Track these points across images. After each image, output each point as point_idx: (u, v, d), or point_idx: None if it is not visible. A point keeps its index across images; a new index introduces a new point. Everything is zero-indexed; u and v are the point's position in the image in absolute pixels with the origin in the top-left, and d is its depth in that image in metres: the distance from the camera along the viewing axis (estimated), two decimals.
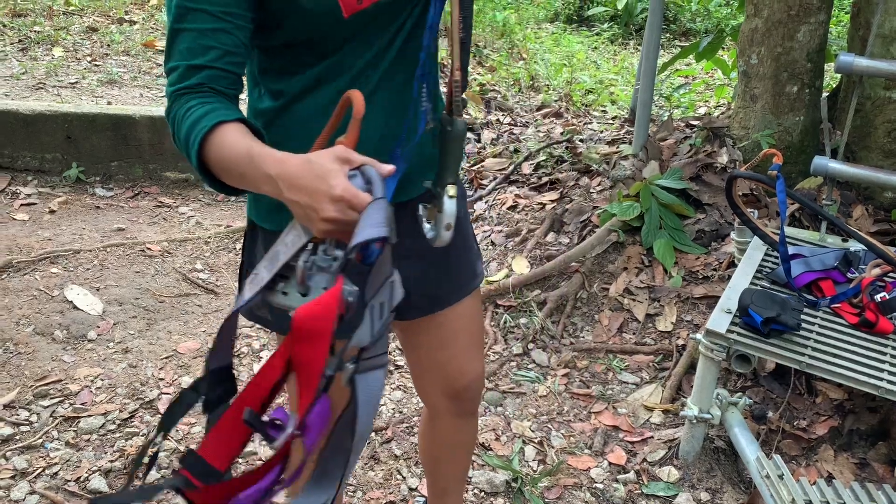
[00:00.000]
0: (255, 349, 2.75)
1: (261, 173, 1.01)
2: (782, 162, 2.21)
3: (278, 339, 1.47)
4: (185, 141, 1.09)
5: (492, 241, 3.36)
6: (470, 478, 2.22)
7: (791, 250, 2.34)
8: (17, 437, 2.30)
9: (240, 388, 0.97)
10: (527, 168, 3.91)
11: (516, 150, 4.15)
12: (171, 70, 1.13)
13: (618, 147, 3.78)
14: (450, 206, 1.15)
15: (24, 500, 2.10)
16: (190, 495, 0.91)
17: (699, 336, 2.16)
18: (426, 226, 1.20)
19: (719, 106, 4.94)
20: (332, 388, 0.91)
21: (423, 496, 2.19)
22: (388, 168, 1.00)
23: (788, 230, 2.61)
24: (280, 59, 1.25)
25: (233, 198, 3.80)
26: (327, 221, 0.95)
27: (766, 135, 3.08)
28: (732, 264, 2.87)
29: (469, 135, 4.39)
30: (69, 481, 2.16)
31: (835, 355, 2.01)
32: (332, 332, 0.90)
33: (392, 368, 2.68)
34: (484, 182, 3.91)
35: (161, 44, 5.43)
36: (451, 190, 1.16)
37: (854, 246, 2.43)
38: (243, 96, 1.17)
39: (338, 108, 1.10)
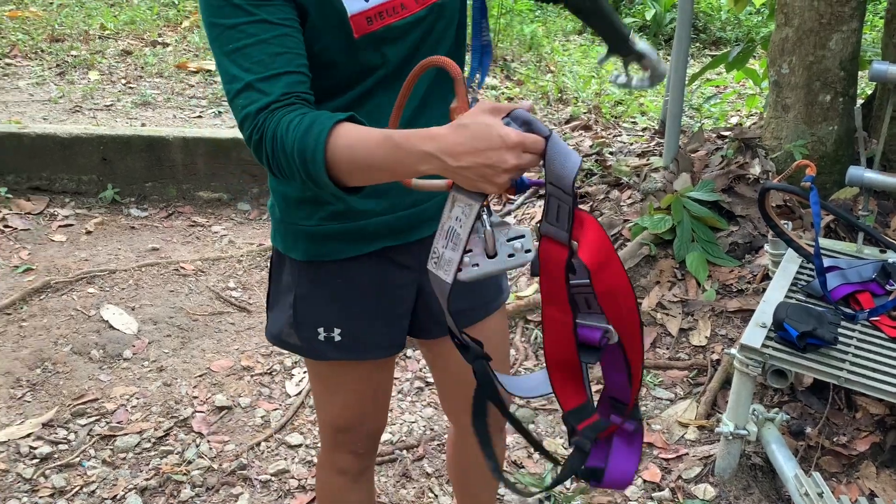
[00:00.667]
0: (287, 367, 2.77)
1: (416, 154, 0.97)
2: (815, 173, 2.17)
3: (310, 364, 1.47)
4: (299, 152, 1.03)
5: None
6: (502, 496, 2.21)
7: (827, 262, 2.29)
8: (56, 456, 2.34)
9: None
10: None
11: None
12: (245, 88, 1.07)
13: (648, 159, 3.75)
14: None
15: None
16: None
17: (734, 351, 2.13)
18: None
19: (751, 116, 4.88)
20: None
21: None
22: (529, 103, 1.00)
23: (824, 242, 2.56)
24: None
25: (262, 217, 3.84)
26: (509, 171, 0.93)
27: (798, 145, 3.03)
28: (767, 277, 2.83)
29: None
30: (106, 499, 2.19)
31: (874, 370, 1.97)
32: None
33: (422, 385, 2.68)
34: (513, 196, 3.91)
35: (193, 65, 5.53)
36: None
37: (893, 257, 2.38)
38: None
39: (409, 79, 1.06)
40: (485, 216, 1.00)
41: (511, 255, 1.01)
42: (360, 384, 1.45)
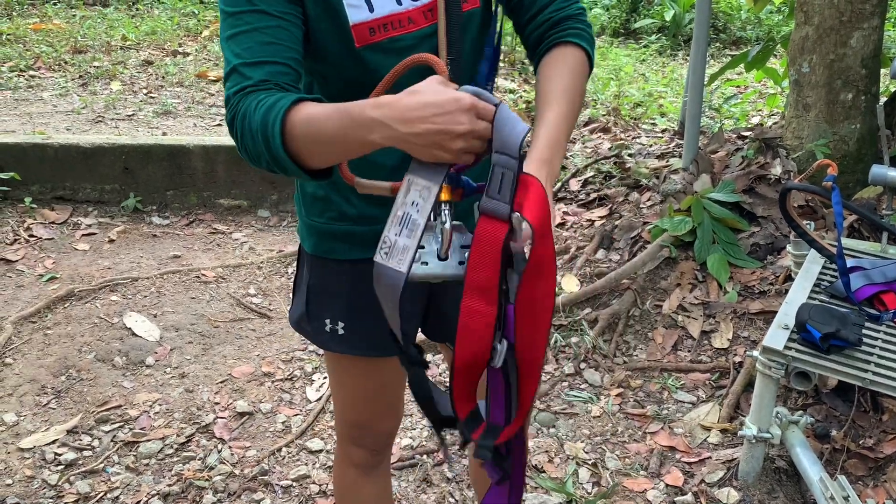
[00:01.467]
0: (308, 372, 2.78)
1: (365, 122, 0.97)
2: (837, 172, 2.15)
3: (325, 356, 1.50)
4: (261, 127, 1.03)
5: None
6: (523, 501, 2.20)
7: (850, 263, 2.26)
8: (80, 462, 2.36)
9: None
10: (575, 184, 3.88)
11: (563, 167, 4.13)
12: (231, 72, 1.10)
13: (668, 161, 3.73)
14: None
15: None
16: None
17: (756, 353, 2.10)
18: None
19: (772, 116, 4.83)
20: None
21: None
22: (443, 69, 1.00)
23: (847, 242, 2.53)
24: (320, 89, 1.27)
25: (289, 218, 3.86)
26: (462, 136, 0.93)
27: (820, 144, 3.00)
28: (789, 278, 2.80)
29: None
30: None
31: None
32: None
33: (443, 390, 2.67)
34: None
35: (213, 74, 5.58)
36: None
37: None
38: None
39: (398, 67, 1.05)
40: (446, 212, 0.96)
41: (461, 263, 0.95)
42: (365, 380, 1.47)
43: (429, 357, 2.81)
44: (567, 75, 1.20)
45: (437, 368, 2.77)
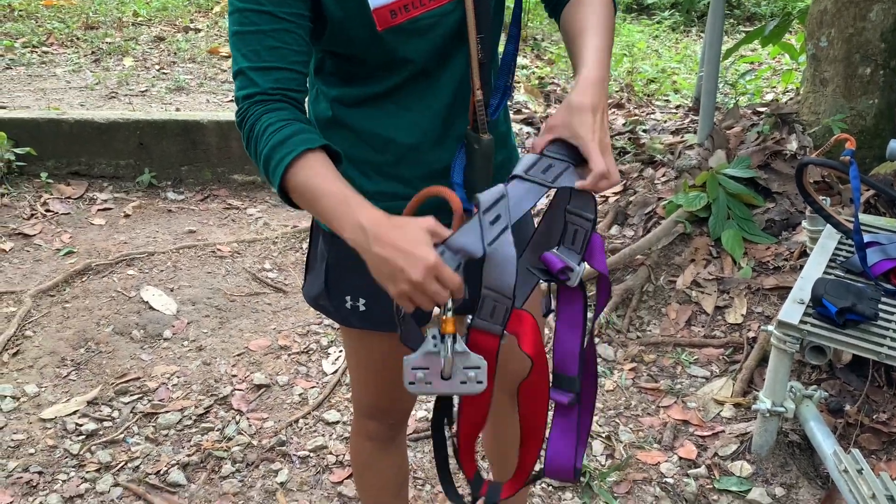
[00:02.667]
0: (324, 345, 2.80)
1: (351, 220, 1.04)
2: (855, 147, 2.14)
3: (342, 331, 1.52)
4: (265, 160, 1.10)
5: None
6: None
7: (867, 238, 2.26)
8: (101, 433, 2.40)
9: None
10: None
11: None
12: (239, 73, 1.14)
13: (682, 136, 3.72)
14: None
15: (108, 492, 2.19)
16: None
17: (771, 328, 2.11)
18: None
19: (787, 92, 4.80)
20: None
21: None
22: (458, 207, 1.06)
23: (864, 217, 2.52)
24: (334, 65, 1.28)
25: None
26: (411, 284, 1.00)
27: (837, 119, 2.98)
28: (804, 254, 2.79)
29: (529, 129, 4.38)
30: (150, 474, 2.24)
31: None
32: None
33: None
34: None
35: (225, 50, 5.57)
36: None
37: None
38: None
39: (414, 201, 1.12)
40: (449, 342, 1.05)
41: (463, 382, 1.06)
42: (383, 356, 1.48)
43: None
44: (600, 11, 1.22)
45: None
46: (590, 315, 1.16)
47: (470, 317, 1.08)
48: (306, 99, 1.37)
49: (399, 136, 1.28)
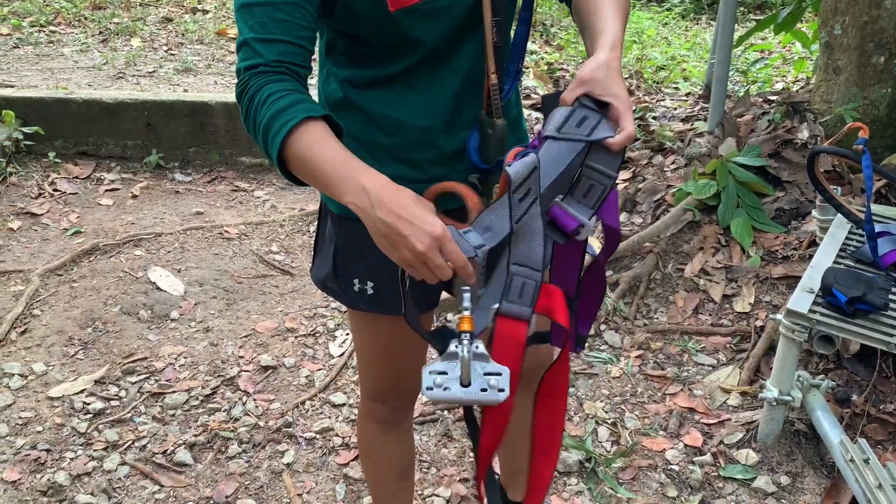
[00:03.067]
0: (330, 328, 2.80)
1: (354, 183, 1.01)
2: (868, 136, 2.12)
3: (350, 313, 1.51)
4: (265, 128, 1.07)
5: None
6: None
7: (878, 228, 2.25)
8: (108, 412, 2.41)
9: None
10: None
11: None
12: (242, 45, 1.12)
13: (692, 124, 3.69)
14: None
15: (115, 470, 2.20)
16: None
17: (779, 316, 2.10)
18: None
19: (798, 81, 4.76)
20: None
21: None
22: (475, 203, 1.07)
23: (875, 207, 2.51)
24: (346, 46, 1.26)
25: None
26: (414, 254, 0.97)
27: (849, 108, 2.96)
28: (813, 243, 2.78)
29: (538, 115, 4.36)
30: (157, 454, 2.25)
31: None
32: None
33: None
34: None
35: (233, 32, 5.55)
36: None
37: None
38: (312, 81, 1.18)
39: (427, 194, 1.10)
40: (465, 343, 0.99)
41: (484, 390, 0.99)
42: (391, 339, 1.48)
43: (450, 316, 2.83)
44: None
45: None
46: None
47: (496, 305, 1.04)
48: (316, 80, 1.36)
49: (410, 118, 1.28)
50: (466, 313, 1.01)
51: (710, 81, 3.77)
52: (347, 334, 2.76)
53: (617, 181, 1.07)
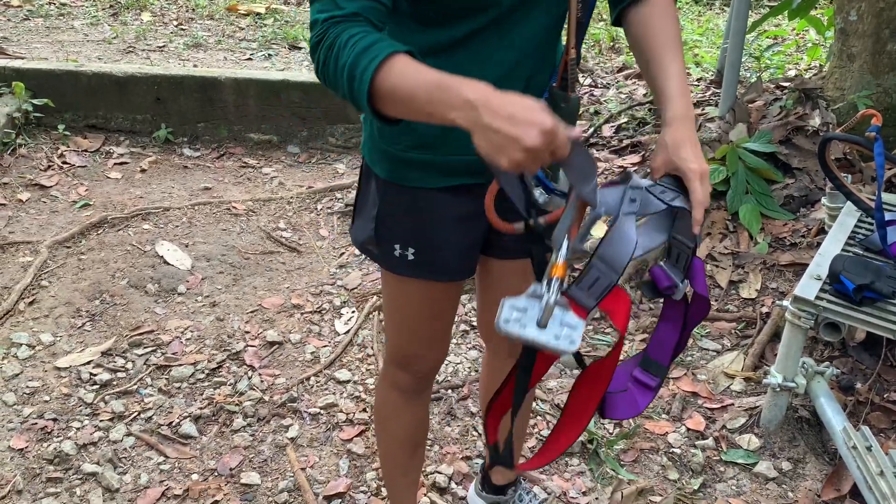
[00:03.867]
0: (336, 306, 2.81)
1: (456, 98, 0.98)
2: (881, 123, 2.11)
3: (384, 276, 1.50)
4: (350, 69, 1.04)
5: None
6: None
7: (887, 216, 2.23)
8: (115, 383, 2.43)
9: None
10: (607, 130, 3.84)
11: (597, 112, 4.08)
12: None
13: (703, 109, 3.67)
14: (563, 176, 1.22)
15: (121, 441, 2.22)
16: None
17: (786, 303, 2.10)
18: (536, 191, 1.23)
19: (811, 68, 4.72)
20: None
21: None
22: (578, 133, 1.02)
23: (886, 196, 2.49)
24: (410, 5, 1.23)
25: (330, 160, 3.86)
26: (527, 151, 0.94)
27: (863, 96, 2.94)
28: (822, 231, 2.77)
29: None
30: (162, 425, 2.27)
31: None
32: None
33: (468, 329, 2.71)
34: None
35: (243, 8, 5.53)
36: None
37: None
38: None
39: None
40: (555, 287, 1.01)
41: (557, 338, 1.00)
42: (423, 306, 1.49)
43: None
44: (671, 26, 1.23)
45: (463, 308, 2.80)
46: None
47: (567, 284, 1.05)
48: None
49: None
50: (561, 261, 1.02)
51: (722, 67, 3.75)
52: (353, 312, 2.77)
53: (696, 250, 1.16)
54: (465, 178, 1.34)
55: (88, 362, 2.50)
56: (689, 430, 2.29)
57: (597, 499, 2.08)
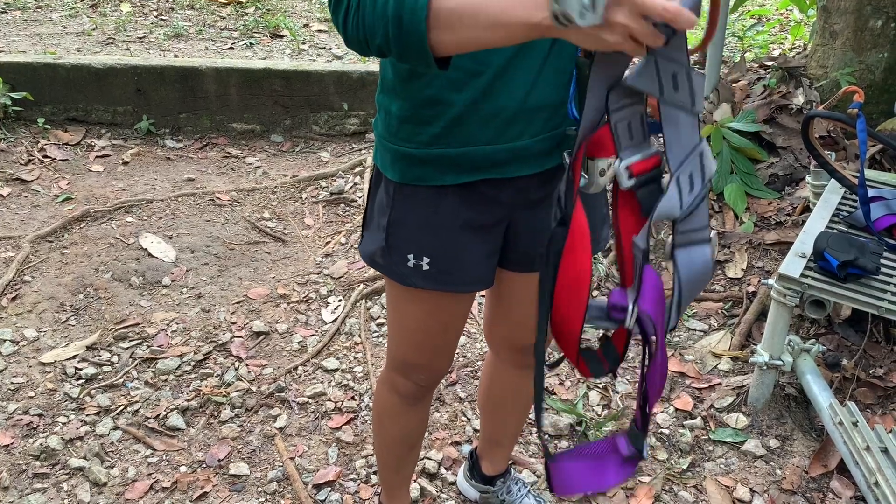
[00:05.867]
0: (323, 295, 2.80)
1: (530, 1, 0.89)
2: (864, 100, 2.11)
3: (390, 285, 1.43)
4: (396, 5, 0.96)
5: None
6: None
7: (871, 193, 2.24)
8: (100, 377, 2.41)
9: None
10: None
11: None
12: None
13: None
14: None
15: (107, 434, 2.20)
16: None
17: (771, 281, 2.10)
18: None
19: (795, 47, 4.72)
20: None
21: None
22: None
23: (869, 173, 2.50)
24: None
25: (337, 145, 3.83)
26: (630, 16, 0.84)
27: (845, 73, 2.94)
28: (807, 209, 2.78)
29: None
30: (149, 418, 2.26)
31: None
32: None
33: None
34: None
35: None
36: None
37: None
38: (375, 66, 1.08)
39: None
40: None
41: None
42: (432, 316, 1.42)
43: None
44: None
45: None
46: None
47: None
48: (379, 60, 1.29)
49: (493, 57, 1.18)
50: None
51: None
52: (340, 300, 2.76)
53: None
54: (483, 173, 1.27)
55: (73, 357, 2.48)
56: (677, 410, 2.30)
57: None
